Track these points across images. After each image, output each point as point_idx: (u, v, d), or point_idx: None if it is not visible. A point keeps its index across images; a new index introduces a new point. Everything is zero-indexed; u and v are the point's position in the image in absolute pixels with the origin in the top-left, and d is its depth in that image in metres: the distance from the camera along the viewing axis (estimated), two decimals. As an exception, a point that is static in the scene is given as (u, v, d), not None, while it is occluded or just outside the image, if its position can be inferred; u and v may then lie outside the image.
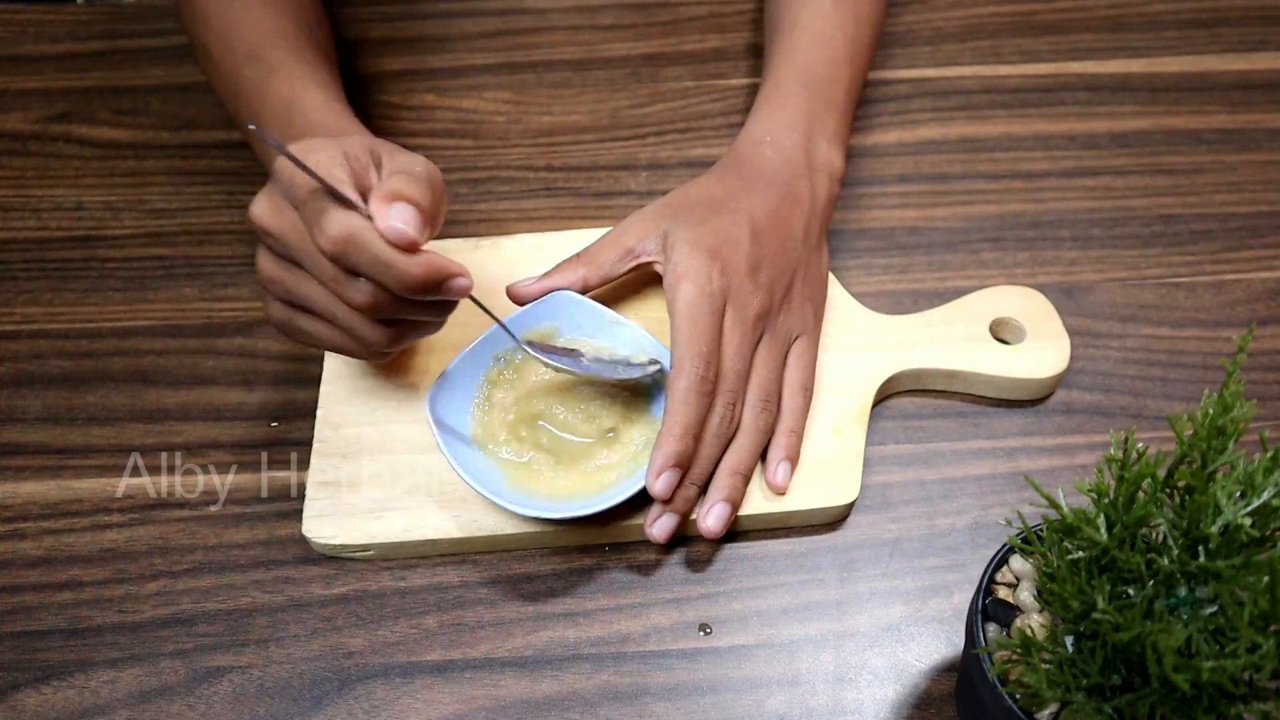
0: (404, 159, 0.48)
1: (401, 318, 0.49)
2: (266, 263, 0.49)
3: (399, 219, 0.44)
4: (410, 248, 0.44)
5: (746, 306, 0.54)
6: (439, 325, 0.52)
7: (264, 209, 0.47)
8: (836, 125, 0.63)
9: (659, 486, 0.50)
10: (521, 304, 0.57)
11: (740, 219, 0.56)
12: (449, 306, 0.50)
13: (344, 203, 0.44)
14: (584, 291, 0.57)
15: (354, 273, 0.45)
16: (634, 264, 0.57)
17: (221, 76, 0.62)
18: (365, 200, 0.45)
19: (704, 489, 0.52)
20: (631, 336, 0.56)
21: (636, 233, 0.57)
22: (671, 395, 0.51)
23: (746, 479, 0.53)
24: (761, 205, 0.57)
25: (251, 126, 0.47)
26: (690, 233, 0.55)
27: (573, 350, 0.56)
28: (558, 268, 0.58)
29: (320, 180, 0.44)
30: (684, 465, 0.51)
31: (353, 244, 0.44)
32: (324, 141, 0.47)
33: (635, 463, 0.53)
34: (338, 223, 0.43)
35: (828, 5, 0.66)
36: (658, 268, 0.56)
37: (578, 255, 0.58)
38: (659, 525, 0.51)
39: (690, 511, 0.52)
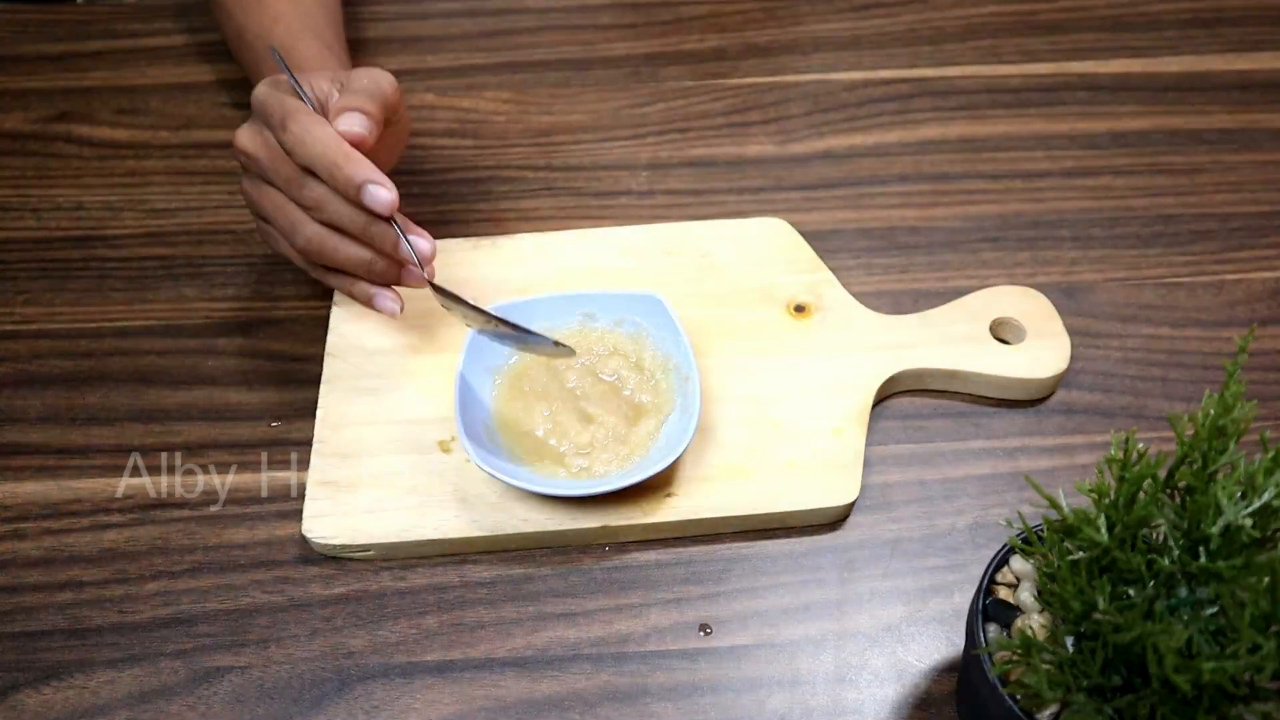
0: (360, 80, 0.57)
1: (341, 257, 0.55)
2: (246, 183, 0.58)
3: (347, 123, 0.54)
4: (360, 143, 0.53)
5: None
6: (386, 286, 0.57)
7: (244, 135, 0.56)
8: None
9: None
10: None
11: None
12: (389, 243, 0.55)
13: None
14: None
15: (309, 172, 0.54)
16: None
17: (230, 26, 0.70)
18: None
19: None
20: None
21: None
22: None
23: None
24: None
25: (273, 47, 0.60)
26: None
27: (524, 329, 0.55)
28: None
29: (298, 87, 0.56)
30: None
31: (308, 138, 0.52)
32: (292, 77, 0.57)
33: (647, 449, 0.54)
34: (299, 123, 0.53)
35: None
36: None
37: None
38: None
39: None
